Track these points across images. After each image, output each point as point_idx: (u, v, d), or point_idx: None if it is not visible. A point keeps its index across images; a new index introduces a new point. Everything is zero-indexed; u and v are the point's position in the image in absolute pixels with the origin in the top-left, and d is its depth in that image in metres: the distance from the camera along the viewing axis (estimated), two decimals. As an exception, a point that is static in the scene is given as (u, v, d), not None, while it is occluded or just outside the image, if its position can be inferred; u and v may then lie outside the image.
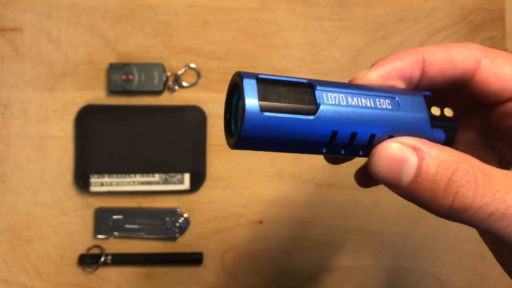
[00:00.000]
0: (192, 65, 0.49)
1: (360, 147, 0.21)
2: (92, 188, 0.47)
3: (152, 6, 0.49)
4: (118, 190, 0.47)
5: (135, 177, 0.47)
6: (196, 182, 0.48)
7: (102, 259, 0.46)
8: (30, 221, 0.47)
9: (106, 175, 0.47)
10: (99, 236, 0.47)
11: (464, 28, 0.51)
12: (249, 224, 0.48)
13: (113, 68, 0.48)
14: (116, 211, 0.47)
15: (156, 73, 0.48)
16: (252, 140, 0.20)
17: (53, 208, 0.47)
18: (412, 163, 0.19)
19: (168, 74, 0.48)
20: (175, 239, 0.47)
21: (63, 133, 0.48)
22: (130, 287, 0.47)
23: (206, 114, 0.48)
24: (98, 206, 0.47)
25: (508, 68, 0.22)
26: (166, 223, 0.47)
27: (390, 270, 0.48)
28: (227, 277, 0.48)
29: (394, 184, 0.20)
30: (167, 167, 0.48)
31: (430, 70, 0.22)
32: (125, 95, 0.48)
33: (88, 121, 0.48)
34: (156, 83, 0.48)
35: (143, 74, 0.48)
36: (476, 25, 0.51)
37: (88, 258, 0.46)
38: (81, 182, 0.47)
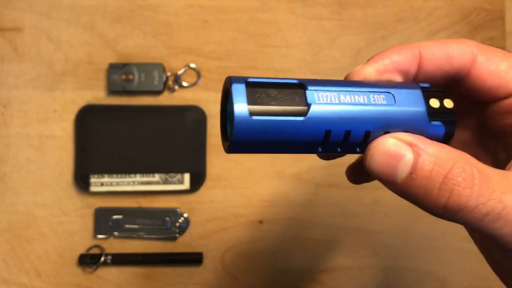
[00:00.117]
0: (192, 65, 0.49)
1: (356, 144, 0.21)
2: (92, 188, 0.47)
3: (152, 6, 0.49)
4: (118, 190, 0.47)
5: (135, 177, 0.47)
6: (196, 182, 0.48)
7: (102, 259, 0.46)
8: (30, 221, 0.47)
9: (106, 175, 0.47)
10: (99, 236, 0.47)
11: (464, 28, 0.51)
12: (249, 224, 0.48)
13: (113, 68, 0.48)
14: (116, 211, 0.47)
15: (156, 73, 0.48)
16: (245, 144, 0.20)
17: (53, 208, 0.47)
18: (408, 159, 0.19)
19: (168, 74, 0.48)
20: (175, 239, 0.47)
21: (63, 133, 0.48)
22: (130, 287, 0.47)
23: (206, 114, 0.48)
24: (98, 206, 0.47)
25: (503, 65, 0.21)
26: (166, 223, 0.47)
27: (390, 270, 0.48)
28: (227, 277, 0.48)
29: (388, 180, 0.20)
30: (167, 167, 0.48)
31: (427, 65, 0.22)
32: (125, 95, 0.48)
33: (88, 121, 0.48)
34: (156, 83, 0.48)
35: (143, 74, 0.48)
36: (476, 25, 0.51)
37: (88, 258, 0.46)
38: (81, 182, 0.47)
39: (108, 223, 0.47)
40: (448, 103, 0.21)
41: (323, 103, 0.20)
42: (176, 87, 0.49)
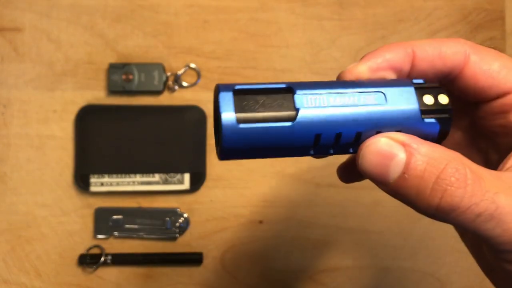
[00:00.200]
0: (192, 65, 0.49)
1: (349, 145, 0.21)
2: (92, 188, 0.47)
3: (152, 6, 0.49)
4: (118, 190, 0.47)
5: (135, 177, 0.47)
6: (196, 182, 0.48)
7: (102, 259, 0.46)
8: (30, 221, 0.47)
9: (106, 175, 0.47)
10: (99, 236, 0.47)
11: (464, 28, 0.51)
12: (249, 224, 0.48)
13: (113, 68, 0.48)
14: (116, 211, 0.47)
15: (156, 73, 0.48)
16: (235, 152, 0.20)
17: (53, 208, 0.47)
18: (400, 159, 0.19)
19: (168, 74, 0.48)
20: (175, 239, 0.47)
21: (63, 133, 0.48)
22: (130, 287, 0.47)
23: (206, 114, 0.48)
24: (98, 206, 0.47)
25: (496, 65, 0.21)
26: (166, 223, 0.47)
27: (390, 270, 0.48)
28: (227, 277, 0.48)
29: (381, 180, 0.19)
30: (167, 167, 0.48)
31: (420, 64, 0.22)
32: (125, 95, 0.48)
33: (88, 121, 0.48)
34: (156, 83, 0.48)
35: (143, 74, 0.48)
36: (476, 25, 0.51)
37: (88, 258, 0.46)
38: (81, 182, 0.47)
39: (108, 223, 0.47)
40: (442, 99, 0.21)
41: (312, 107, 0.20)
42: (176, 87, 0.49)
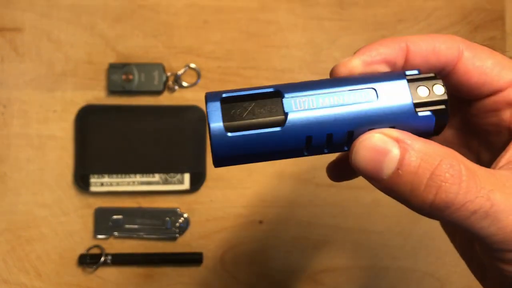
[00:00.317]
0: (192, 65, 0.49)
1: (343, 144, 0.20)
2: (92, 188, 0.47)
3: (152, 6, 0.49)
4: (118, 190, 0.47)
5: (135, 177, 0.47)
6: (196, 182, 0.48)
7: (102, 259, 0.46)
8: (30, 221, 0.47)
9: (106, 175, 0.47)
10: (99, 236, 0.47)
11: (464, 28, 0.51)
12: (249, 224, 0.48)
13: (113, 68, 0.48)
14: (116, 211, 0.47)
15: (156, 73, 0.48)
16: (228, 159, 0.20)
17: (53, 208, 0.47)
18: (394, 155, 0.19)
19: (168, 74, 0.48)
20: (175, 239, 0.47)
21: (63, 133, 0.48)
22: (130, 287, 0.47)
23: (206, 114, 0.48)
24: (98, 206, 0.47)
25: (489, 62, 0.21)
26: (166, 223, 0.47)
27: (390, 270, 0.48)
28: (227, 277, 0.48)
29: (374, 176, 0.19)
30: (167, 167, 0.48)
31: (414, 59, 0.22)
32: (125, 95, 0.48)
33: (88, 121, 0.48)
34: (156, 83, 0.48)
35: (143, 74, 0.48)
36: (476, 25, 0.51)
37: (88, 258, 0.46)
38: (81, 182, 0.47)
39: (108, 223, 0.47)
40: (438, 89, 0.20)
41: (301, 110, 0.19)
42: (176, 87, 0.49)
